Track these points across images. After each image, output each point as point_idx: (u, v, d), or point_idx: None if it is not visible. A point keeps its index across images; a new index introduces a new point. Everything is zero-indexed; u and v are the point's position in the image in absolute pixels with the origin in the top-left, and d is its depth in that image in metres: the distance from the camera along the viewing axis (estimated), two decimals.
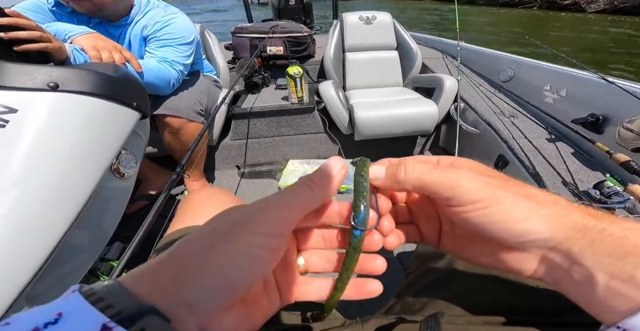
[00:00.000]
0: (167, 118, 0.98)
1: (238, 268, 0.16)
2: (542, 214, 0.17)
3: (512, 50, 1.85)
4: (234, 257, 0.16)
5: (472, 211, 0.18)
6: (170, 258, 0.16)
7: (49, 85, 0.48)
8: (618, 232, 0.16)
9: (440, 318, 0.22)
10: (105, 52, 0.75)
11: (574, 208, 0.18)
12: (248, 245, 0.16)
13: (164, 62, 0.94)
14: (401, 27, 1.73)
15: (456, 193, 0.18)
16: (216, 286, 0.15)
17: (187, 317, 0.15)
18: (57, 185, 0.50)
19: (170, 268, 0.16)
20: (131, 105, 0.60)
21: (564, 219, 0.17)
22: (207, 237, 0.16)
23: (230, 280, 0.15)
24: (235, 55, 1.79)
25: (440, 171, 0.19)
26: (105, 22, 0.95)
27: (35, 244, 0.47)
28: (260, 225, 0.16)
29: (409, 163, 0.20)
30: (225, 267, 0.15)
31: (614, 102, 0.98)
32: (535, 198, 0.18)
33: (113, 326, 0.12)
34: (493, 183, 0.18)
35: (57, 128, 0.50)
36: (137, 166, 0.71)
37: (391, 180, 0.20)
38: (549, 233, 0.17)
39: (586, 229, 0.17)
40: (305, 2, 2.75)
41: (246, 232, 0.16)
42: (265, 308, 0.19)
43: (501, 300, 0.27)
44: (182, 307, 0.15)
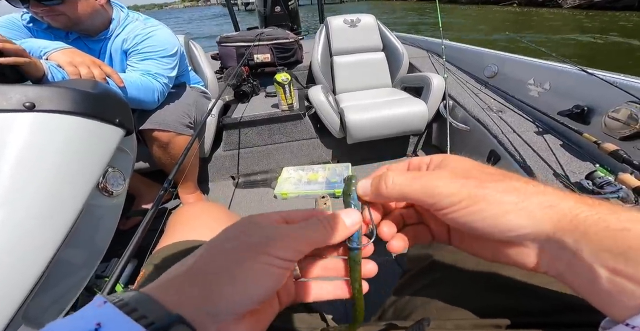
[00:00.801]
0: (155, 133, 0.96)
1: (259, 283, 0.18)
2: (521, 208, 0.17)
3: (498, 46, 1.87)
4: (257, 274, 0.18)
5: (454, 212, 0.18)
6: (193, 271, 0.18)
7: (25, 105, 0.47)
8: (617, 224, 0.15)
9: (426, 324, 0.22)
10: (83, 67, 0.74)
11: (563, 198, 0.17)
12: (268, 264, 0.18)
13: (147, 75, 0.93)
14: (386, 28, 1.75)
15: (436, 199, 0.19)
16: (238, 298, 0.17)
17: (208, 325, 0.16)
18: (43, 205, 0.49)
19: (195, 281, 0.17)
20: (113, 122, 0.59)
21: (548, 211, 0.16)
22: (231, 253, 0.18)
23: (251, 293, 0.17)
24: (223, 65, 1.79)
25: (419, 181, 0.19)
26: (84, 37, 0.94)
27: (26, 264, 0.46)
28: (278, 250, 0.18)
29: (389, 176, 0.20)
30: (248, 282, 0.17)
31: (596, 92, 0.99)
32: (517, 191, 0.17)
33: None
34: (470, 183, 0.18)
35: (38, 150, 0.49)
36: (125, 183, 0.70)
37: (376, 195, 0.21)
38: (531, 227, 0.17)
39: (578, 220, 0.16)
40: (291, 9, 2.77)
41: (267, 255, 0.18)
42: (268, 315, 0.21)
43: (492, 303, 0.26)
44: (205, 316, 0.16)
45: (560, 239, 0.16)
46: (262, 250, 0.18)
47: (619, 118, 0.90)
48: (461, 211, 0.18)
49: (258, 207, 1.30)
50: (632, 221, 0.15)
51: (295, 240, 0.19)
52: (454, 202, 0.18)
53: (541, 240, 0.17)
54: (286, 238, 0.19)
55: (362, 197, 0.22)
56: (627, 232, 0.15)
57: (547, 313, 0.24)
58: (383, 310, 0.36)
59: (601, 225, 0.15)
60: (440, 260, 0.34)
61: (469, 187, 0.18)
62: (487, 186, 0.18)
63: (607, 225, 0.15)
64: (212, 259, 0.18)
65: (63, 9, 0.82)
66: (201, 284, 0.17)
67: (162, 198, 0.58)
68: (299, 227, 0.20)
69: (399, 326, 0.26)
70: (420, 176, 0.20)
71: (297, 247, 0.19)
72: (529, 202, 0.17)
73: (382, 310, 0.36)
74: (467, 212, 0.18)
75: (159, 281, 0.18)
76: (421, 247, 0.38)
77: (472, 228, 0.18)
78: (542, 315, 0.24)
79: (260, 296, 0.18)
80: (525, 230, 0.17)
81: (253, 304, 0.18)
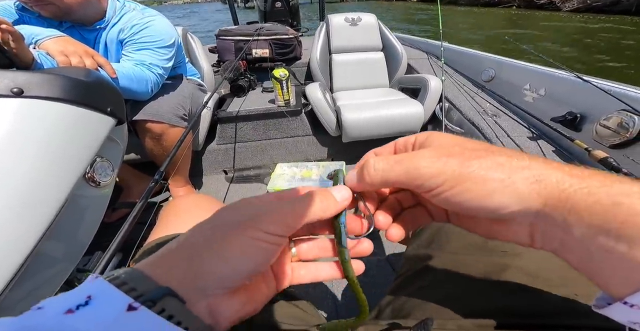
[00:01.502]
0: (148, 124, 0.95)
1: (246, 258, 0.18)
2: (507, 185, 0.16)
3: (496, 49, 1.89)
4: (244, 248, 0.17)
5: (440, 194, 0.18)
6: (183, 246, 0.18)
7: (13, 90, 0.45)
8: (607, 199, 0.14)
9: (430, 324, 0.21)
10: (75, 57, 0.72)
11: (550, 171, 0.16)
12: (256, 239, 0.18)
13: (141, 66, 0.91)
14: (386, 29, 1.74)
15: (419, 181, 0.18)
16: (226, 272, 0.17)
17: (198, 299, 0.17)
18: (25, 194, 0.48)
19: (184, 256, 0.17)
20: (105, 111, 0.58)
21: (535, 186, 0.16)
22: (220, 229, 0.18)
23: (239, 268, 0.17)
24: (220, 58, 1.77)
25: (400, 164, 0.19)
26: (78, 26, 0.91)
27: (5, 254, 0.45)
28: (267, 225, 0.18)
29: (370, 164, 0.20)
30: (236, 256, 0.17)
31: (590, 100, 1.01)
32: (502, 167, 0.17)
33: (138, 306, 0.14)
34: (453, 162, 0.17)
35: (23, 136, 0.48)
36: (114, 174, 0.69)
37: (362, 184, 0.21)
38: (518, 205, 0.16)
39: (566, 194, 0.15)
40: (291, 5, 2.75)
41: (255, 229, 0.18)
42: (264, 293, 0.21)
43: (491, 304, 0.26)
44: (195, 290, 0.16)
45: (549, 216, 0.16)
46: (251, 224, 0.18)
47: (610, 126, 0.91)
48: (447, 192, 0.17)
49: None
50: (624, 194, 0.14)
51: (284, 214, 0.19)
52: (438, 182, 0.17)
53: (530, 218, 0.17)
54: (275, 213, 0.19)
55: (351, 188, 0.22)
56: (618, 206, 0.13)
57: (546, 315, 0.24)
58: (379, 310, 0.35)
59: (590, 200, 0.14)
60: (439, 260, 0.34)
61: (452, 166, 0.17)
62: (471, 164, 0.17)
63: (596, 200, 0.14)
64: (202, 235, 0.18)
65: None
66: (190, 259, 0.17)
67: (152, 190, 0.57)
68: (288, 202, 0.20)
69: (401, 326, 0.26)
70: (401, 159, 0.19)
71: (286, 221, 0.19)
72: (514, 178, 0.16)
73: (379, 310, 0.36)
74: (453, 193, 0.17)
75: (150, 258, 0.18)
76: (419, 247, 0.38)
77: (460, 209, 0.18)
78: (542, 316, 0.24)
79: (249, 271, 0.18)
80: (512, 209, 0.16)
81: (242, 279, 0.18)
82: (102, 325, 0.13)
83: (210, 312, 0.17)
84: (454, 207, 0.18)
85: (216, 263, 0.17)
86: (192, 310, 0.16)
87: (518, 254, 0.29)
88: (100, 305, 0.14)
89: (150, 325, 0.14)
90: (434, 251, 0.35)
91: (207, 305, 0.17)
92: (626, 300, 0.14)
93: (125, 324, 0.13)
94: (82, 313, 0.13)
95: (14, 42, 0.61)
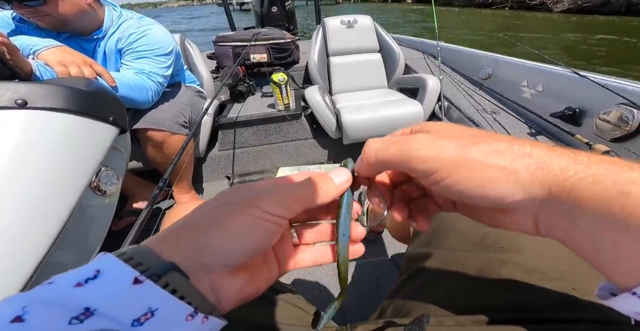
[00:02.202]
0: (149, 132, 0.95)
1: (249, 235, 0.18)
2: (508, 173, 0.15)
3: (494, 49, 1.90)
4: (247, 225, 0.18)
5: (439, 181, 0.17)
6: (187, 224, 0.18)
7: (17, 102, 0.46)
8: (614, 188, 0.13)
9: (425, 321, 0.21)
10: (73, 66, 0.73)
11: (553, 158, 0.15)
12: (258, 217, 0.18)
13: (140, 74, 0.92)
14: (382, 30, 1.76)
15: (413, 164, 0.17)
16: (229, 248, 0.17)
17: (201, 276, 0.17)
18: (33, 205, 0.48)
19: (189, 232, 0.18)
20: (107, 120, 0.58)
21: (538, 174, 0.15)
22: (223, 207, 0.19)
23: (241, 245, 0.18)
24: (219, 65, 1.78)
25: (395, 144, 0.18)
26: (76, 36, 0.92)
27: (16, 264, 0.45)
28: (268, 205, 0.18)
29: (367, 144, 0.20)
30: (238, 232, 0.18)
31: (587, 94, 1.01)
32: (503, 153, 0.16)
33: (143, 280, 0.14)
34: (450, 146, 0.16)
35: (29, 148, 0.48)
36: (119, 182, 0.69)
37: (362, 166, 0.21)
38: (521, 194, 0.15)
39: (571, 183, 0.14)
40: (288, 9, 2.76)
41: (256, 208, 0.18)
42: (266, 276, 0.21)
43: (489, 300, 0.27)
44: (199, 267, 0.17)
45: (553, 205, 0.15)
46: (253, 204, 0.18)
47: (610, 120, 0.91)
48: (445, 180, 0.16)
49: None
50: (632, 183, 0.13)
51: (284, 197, 0.19)
52: (433, 167, 0.16)
53: (534, 207, 0.16)
54: (276, 195, 0.19)
55: (357, 172, 0.22)
56: (626, 196, 0.13)
57: (543, 309, 0.24)
58: (382, 310, 0.36)
59: (596, 189, 0.13)
60: (438, 258, 0.34)
61: (449, 151, 0.16)
62: (470, 149, 0.16)
63: (603, 189, 0.13)
64: (205, 214, 0.19)
65: (47, 9, 0.81)
66: (194, 236, 0.17)
67: (157, 197, 0.58)
68: (289, 186, 0.20)
69: (397, 324, 0.26)
70: (397, 140, 0.19)
71: (287, 203, 0.19)
72: (516, 166, 0.15)
73: (381, 309, 0.36)
74: (452, 181, 0.16)
75: (157, 235, 0.18)
76: (419, 245, 0.39)
77: (461, 198, 0.17)
78: (539, 311, 0.24)
79: (251, 249, 0.18)
80: (515, 198, 0.15)
81: (244, 256, 0.18)
82: (110, 297, 0.14)
83: (212, 290, 0.17)
84: (455, 196, 0.17)
85: (220, 239, 0.17)
86: (195, 286, 0.16)
87: (516, 250, 0.30)
88: (108, 278, 0.14)
89: (155, 298, 0.14)
90: (433, 250, 0.35)
91: (210, 281, 0.17)
92: (635, 290, 0.13)
93: (131, 297, 0.14)
94: (90, 286, 0.14)
95: (10, 54, 0.62)
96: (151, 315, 0.14)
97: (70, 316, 0.13)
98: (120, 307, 0.14)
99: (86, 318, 0.13)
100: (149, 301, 0.14)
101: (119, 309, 0.13)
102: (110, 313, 0.13)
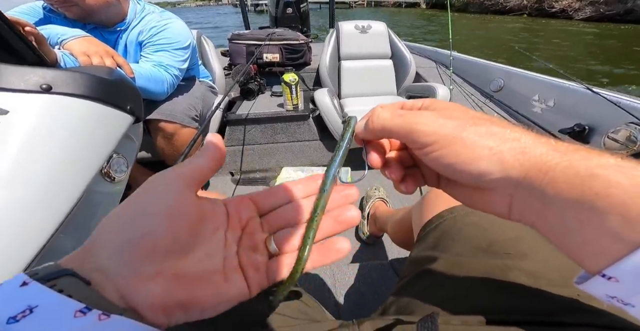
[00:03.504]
0: (161, 123, 0.97)
1: (136, 225, 0.17)
2: (494, 153, 0.16)
3: (505, 59, 1.90)
4: (132, 215, 0.17)
5: (429, 153, 0.18)
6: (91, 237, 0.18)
7: (42, 87, 0.47)
8: (585, 171, 0.14)
9: (437, 318, 0.22)
10: (96, 57, 0.75)
11: (537, 144, 0.16)
12: (143, 205, 0.18)
13: (158, 66, 0.94)
14: (396, 37, 1.77)
15: (414, 136, 0.19)
16: (116, 244, 0.16)
17: (103, 281, 0.16)
18: (44, 187, 0.49)
19: (89, 238, 0.17)
20: (125, 109, 0.60)
21: (519, 157, 0.16)
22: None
23: (131, 237, 0.16)
24: (232, 62, 1.80)
25: (401, 117, 0.19)
26: (101, 28, 0.95)
27: (18, 247, 0.45)
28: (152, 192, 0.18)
29: (376, 112, 0.21)
30: (125, 225, 0.17)
31: (598, 112, 1.01)
32: (495, 136, 0.17)
33: (30, 281, 0.14)
34: (449, 125, 0.18)
35: (48, 131, 0.49)
36: (128, 170, 0.70)
37: (366, 130, 0.22)
38: (500, 173, 0.16)
39: (547, 167, 0.15)
40: (302, 11, 2.80)
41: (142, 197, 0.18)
42: (222, 288, 0.18)
43: (495, 303, 0.27)
44: (97, 272, 0.16)
45: (528, 187, 0.16)
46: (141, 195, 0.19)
47: (618, 139, 0.91)
48: (437, 152, 0.18)
49: None
50: (601, 167, 0.14)
51: (171, 178, 0.20)
52: (430, 141, 0.18)
53: (510, 187, 0.17)
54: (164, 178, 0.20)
55: (358, 134, 0.23)
56: (594, 178, 0.14)
57: (548, 314, 0.24)
58: (384, 308, 0.36)
59: (569, 173, 0.14)
60: (443, 262, 0.34)
61: (448, 128, 0.18)
62: (466, 129, 0.17)
63: (575, 172, 0.14)
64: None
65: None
66: (89, 241, 0.17)
67: None
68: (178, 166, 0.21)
69: (406, 321, 0.26)
70: (404, 113, 0.20)
71: (178, 182, 0.19)
72: (502, 148, 0.16)
73: (383, 308, 0.36)
74: (442, 153, 0.18)
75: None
76: (424, 249, 0.39)
77: (446, 171, 0.18)
78: (544, 315, 0.24)
79: (136, 238, 0.16)
80: (493, 176, 0.17)
81: (133, 249, 0.16)
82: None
83: (121, 295, 0.16)
84: (441, 168, 0.19)
85: (104, 237, 0.17)
86: (99, 290, 0.15)
87: (522, 256, 0.30)
88: (3, 285, 0.15)
89: (36, 296, 0.14)
90: (439, 254, 0.36)
91: (115, 288, 0.16)
92: (604, 272, 0.14)
93: (15, 297, 0.14)
94: None
95: (37, 43, 0.64)
96: (29, 311, 0.14)
97: None
98: (2, 308, 0.14)
99: None
100: (30, 299, 0.14)
101: (0, 310, 0.14)
102: None
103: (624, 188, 0.13)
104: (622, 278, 0.13)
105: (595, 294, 0.16)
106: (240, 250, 0.20)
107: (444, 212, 0.41)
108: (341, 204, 0.21)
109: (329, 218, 0.21)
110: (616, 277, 0.14)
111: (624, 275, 0.13)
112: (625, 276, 0.13)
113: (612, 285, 0.14)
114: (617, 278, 0.14)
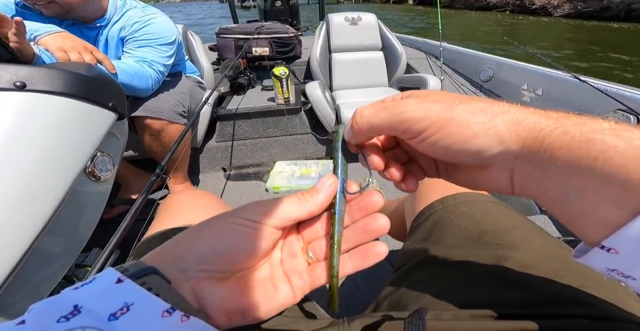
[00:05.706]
0: (147, 120, 0.95)
1: (223, 238, 0.19)
2: (489, 128, 0.16)
3: (495, 51, 1.91)
4: (222, 230, 0.19)
5: (425, 139, 0.18)
6: (177, 237, 0.20)
7: (16, 84, 0.46)
8: (581, 136, 0.14)
9: (424, 314, 0.22)
10: (74, 53, 0.72)
11: (528, 114, 0.16)
12: (233, 223, 0.19)
13: (142, 62, 0.91)
14: (386, 28, 1.75)
15: (405, 126, 0.18)
16: (202, 252, 0.18)
17: (182, 280, 0.18)
18: (25, 188, 0.48)
19: (174, 243, 0.19)
20: (106, 106, 0.58)
21: (514, 128, 0.16)
22: (209, 220, 0.20)
23: (216, 248, 0.19)
24: (220, 56, 1.77)
25: (386, 109, 0.19)
26: (79, 24, 0.92)
27: (4, 249, 0.44)
28: (245, 213, 0.20)
29: (357, 112, 0.21)
30: (213, 237, 0.19)
31: (586, 100, 1.02)
32: (484, 112, 0.17)
33: (124, 279, 0.16)
34: (436, 108, 0.18)
35: (25, 130, 0.48)
36: (114, 169, 0.69)
37: (353, 134, 0.21)
38: (499, 147, 0.16)
39: (543, 135, 0.15)
40: (291, 4, 2.75)
41: (234, 216, 0.20)
42: (273, 296, 0.20)
43: (486, 295, 0.27)
44: (178, 272, 0.18)
45: (528, 156, 0.16)
46: (232, 213, 0.20)
47: None
48: (432, 137, 0.18)
49: (249, 199, 1.29)
50: (596, 131, 0.14)
51: (263, 205, 0.20)
52: (422, 127, 0.18)
53: (510, 160, 0.17)
54: (255, 204, 0.21)
55: (348, 141, 0.22)
56: (591, 142, 0.13)
57: (539, 304, 0.24)
58: (377, 303, 0.36)
59: (565, 138, 0.14)
60: (435, 254, 0.34)
61: (436, 111, 0.17)
62: (455, 109, 0.17)
63: (571, 138, 0.14)
64: (195, 227, 0.20)
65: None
66: (176, 245, 0.19)
67: (153, 185, 0.58)
68: (274, 198, 0.21)
69: (395, 317, 0.26)
70: (387, 105, 0.19)
71: (263, 209, 0.20)
72: (495, 121, 0.16)
73: (377, 303, 0.36)
74: (437, 137, 0.17)
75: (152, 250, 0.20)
76: (416, 241, 0.39)
77: (444, 154, 0.18)
78: (535, 306, 0.24)
79: (226, 251, 0.19)
80: (493, 151, 0.17)
81: (218, 259, 0.18)
82: (95, 295, 0.15)
83: (195, 296, 0.18)
84: (439, 153, 0.18)
85: (194, 244, 0.19)
86: (177, 290, 0.17)
87: (512, 247, 0.30)
88: (98, 281, 0.16)
89: (131, 294, 0.15)
90: (431, 245, 0.36)
91: (191, 287, 0.18)
92: (603, 243, 0.14)
93: (112, 294, 0.15)
94: (84, 288, 0.16)
95: (17, 36, 0.62)
96: (127, 309, 0.15)
97: (59, 315, 0.14)
98: (101, 303, 0.15)
99: (73, 317, 0.14)
100: (126, 297, 0.15)
101: (99, 305, 0.15)
102: (92, 309, 0.14)
103: (621, 151, 0.13)
104: (622, 249, 0.13)
105: (594, 267, 0.15)
106: (283, 258, 0.22)
107: (435, 203, 0.41)
108: (369, 212, 0.22)
109: (358, 230, 0.22)
110: (615, 248, 0.13)
111: (624, 245, 0.13)
112: (625, 247, 0.13)
113: (611, 257, 0.14)
114: (616, 250, 0.13)
